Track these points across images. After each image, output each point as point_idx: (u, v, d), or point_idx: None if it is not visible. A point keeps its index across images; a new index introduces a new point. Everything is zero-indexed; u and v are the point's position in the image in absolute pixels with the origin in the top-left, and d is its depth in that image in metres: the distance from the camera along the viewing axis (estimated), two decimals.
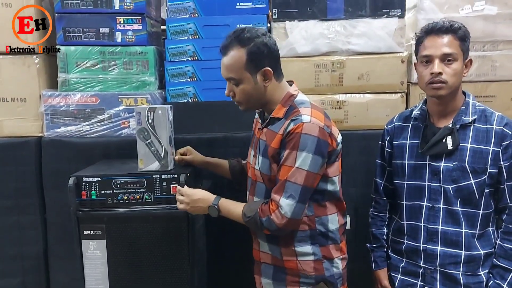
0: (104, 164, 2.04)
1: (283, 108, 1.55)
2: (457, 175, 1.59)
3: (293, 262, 1.58)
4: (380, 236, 1.84)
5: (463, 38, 1.57)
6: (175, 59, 2.26)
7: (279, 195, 1.47)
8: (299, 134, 1.45)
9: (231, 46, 1.52)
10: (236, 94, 1.56)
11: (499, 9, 2.16)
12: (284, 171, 1.48)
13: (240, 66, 1.51)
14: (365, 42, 2.21)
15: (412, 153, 1.69)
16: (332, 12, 2.21)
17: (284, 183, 1.47)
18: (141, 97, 2.22)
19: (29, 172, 2.21)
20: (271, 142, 1.53)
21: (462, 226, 1.60)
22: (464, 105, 1.63)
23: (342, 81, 2.24)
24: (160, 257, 1.81)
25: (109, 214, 1.80)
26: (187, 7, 2.25)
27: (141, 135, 1.81)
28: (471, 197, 1.59)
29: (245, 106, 1.60)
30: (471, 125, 1.60)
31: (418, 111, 1.72)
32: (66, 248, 2.14)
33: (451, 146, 1.58)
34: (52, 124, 2.22)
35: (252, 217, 1.51)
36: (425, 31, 1.61)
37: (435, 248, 1.63)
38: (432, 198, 1.64)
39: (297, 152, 1.45)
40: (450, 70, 1.55)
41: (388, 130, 1.81)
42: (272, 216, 1.47)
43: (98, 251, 1.81)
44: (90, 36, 2.23)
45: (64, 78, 2.23)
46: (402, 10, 2.20)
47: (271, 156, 1.53)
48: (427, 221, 1.65)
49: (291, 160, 1.46)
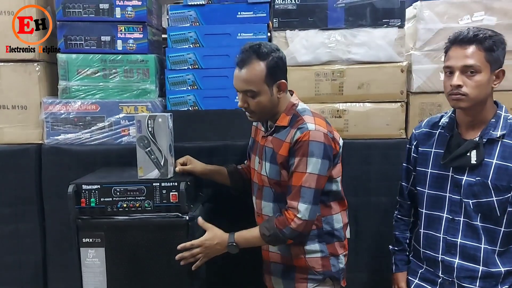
0: (104, 171, 2.04)
1: (287, 117, 1.66)
2: (478, 190, 1.53)
3: (302, 259, 1.68)
4: (403, 240, 1.82)
5: (489, 48, 1.47)
6: (176, 67, 2.27)
7: (296, 201, 1.58)
8: (307, 141, 1.56)
9: (250, 60, 1.59)
10: (251, 105, 1.63)
11: (498, 20, 2.17)
12: (297, 177, 1.58)
13: (260, 79, 1.59)
14: (365, 51, 2.22)
15: (436, 162, 1.65)
16: (332, 21, 2.22)
17: (300, 189, 1.57)
18: (141, 105, 2.22)
19: (29, 179, 2.21)
20: (279, 150, 1.63)
21: (482, 241, 1.55)
22: (494, 118, 1.55)
23: (342, 90, 2.24)
24: (160, 265, 1.80)
25: (108, 222, 1.79)
26: (188, 16, 2.27)
27: (141, 143, 1.81)
28: (492, 214, 1.53)
29: (258, 117, 1.68)
30: (499, 140, 1.52)
31: (446, 119, 1.66)
32: (65, 256, 2.13)
33: (474, 161, 1.52)
34: (52, 132, 2.22)
35: (273, 233, 1.59)
36: (451, 40, 1.55)
37: (452, 261, 1.60)
38: (452, 210, 1.60)
39: (307, 158, 1.56)
40: (472, 82, 1.47)
41: (416, 135, 1.75)
42: (292, 225, 1.57)
43: (97, 259, 1.80)
44: (92, 44, 2.24)
45: (65, 86, 2.24)
46: (402, 20, 2.22)
47: (280, 163, 1.63)
48: (447, 232, 1.61)
49: (303, 167, 1.57)
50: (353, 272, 2.12)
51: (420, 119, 2.21)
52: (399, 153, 2.17)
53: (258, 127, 1.82)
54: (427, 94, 2.23)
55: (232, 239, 1.64)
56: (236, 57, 1.65)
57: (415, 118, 2.23)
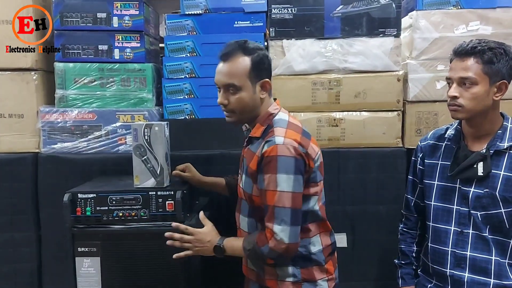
0: (100, 180, 2.04)
1: (261, 127, 1.56)
2: (486, 202, 1.52)
3: (274, 282, 1.58)
4: (409, 253, 1.78)
5: (489, 61, 1.47)
6: (173, 76, 2.27)
7: (271, 222, 1.45)
8: (275, 156, 1.44)
9: (234, 53, 1.53)
10: (232, 102, 1.54)
11: (494, 29, 2.19)
12: (269, 196, 1.45)
13: (244, 73, 1.52)
14: (361, 60, 2.23)
15: (443, 175, 1.63)
16: (329, 31, 2.24)
17: (273, 210, 1.45)
18: (138, 113, 2.22)
19: (25, 188, 2.20)
20: (249, 163, 1.54)
21: (492, 253, 1.52)
22: (501, 130, 1.54)
23: (339, 99, 2.25)
24: (155, 274, 1.79)
25: (104, 231, 1.78)
26: (186, 25, 2.28)
27: (137, 152, 1.81)
28: (501, 226, 1.52)
29: (237, 117, 1.57)
30: (506, 151, 1.52)
31: (452, 131, 1.65)
32: (61, 265, 2.12)
33: (481, 173, 1.51)
34: (49, 140, 2.22)
35: (252, 249, 1.49)
36: (453, 52, 1.56)
37: (462, 275, 1.56)
38: (461, 222, 1.57)
39: (276, 175, 1.44)
40: (468, 94, 1.48)
41: (422, 147, 1.74)
42: (270, 244, 1.45)
43: (92, 269, 1.79)
44: (89, 53, 2.25)
45: (62, 95, 2.24)
46: (398, 30, 2.23)
47: (251, 176, 1.54)
48: (455, 246, 1.58)
49: (273, 184, 1.44)
50: (348, 281, 2.12)
51: (417, 128, 2.22)
52: (395, 162, 2.19)
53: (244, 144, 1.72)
54: (423, 103, 2.24)
55: (221, 242, 1.56)
56: (219, 51, 1.57)
57: (412, 126, 2.23)
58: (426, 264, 1.70)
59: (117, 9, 2.22)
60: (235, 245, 1.56)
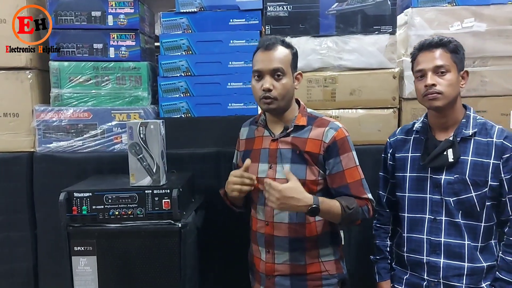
0: (96, 179, 2.03)
1: (303, 117, 1.68)
2: (458, 188, 1.61)
3: (317, 265, 1.67)
4: (384, 248, 1.84)
5: (454, 50, 1.61)
6: (168, 74, 2.27)
7: (365, 194, 1.64)
8: (345, 137, 1.64)
9: (277, 44, 1.63)
10: (277, 88, 1.61)
11: (488, 26, 2.19)
12: (353, 173, 1.63)
13: (288, 60, 1.63)
14: (356, 58, 2.23)
15: (414, 166, 1.72)
16: (324, 28, 2.24)
17: (361, 182, 1.64)
18: (134, 112, 2.22)
19: (20, 187, 2.20)
20: (305, 147, 1.63)
21: (465, 238, 1.61)
22: (464, 118, 1.65)
23: (334, 96, 2.25)
24: (152, 273, 1.79)
25: (100, 230, 1.78)
26: (181, 23, 2.27)
27: (132, 150, 1.81)
28: (473, 210, 1.60)
29: (277, 104, 1.63)
30: (471, 138, 1.62)
31: (420, 124, 1.74)
32: (57, 265, 2.11)
33: (451, 159, 1.60)
34: (44, 139, 2.22)
35: (355, 208, 1.58)
36: (417, 48, 1.68)
37: (438, 261, 1.64)
38: (434, 210, 1.66)
39: (351, 152, 1.64)
40: (444, 81, 1.59)
41: (391, 143, 1.83)
42: (369, 207, 1.63)
43: (88, 267, 1.79)
44: (84, 51, 2.25)
45: (57, 93, 2.24)
46: (393, 27, 2.23)
47: (307, 160, 1.62)
48: (430, 233, 1.66)
49: (352, 161, 1.64)
50: None
51: None
52: None
53: (256, 134, 1.76)
54: None
55: (317, 202, 1.51)
56: (259, 43, 1.67)
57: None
58: (401, 256, 1.76)
59: (112, 8, 2.21)
60: (333, 206, 1.56)
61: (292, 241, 1.65)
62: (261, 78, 1.63)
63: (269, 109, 1.64)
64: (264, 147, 1.71)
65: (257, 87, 1.63)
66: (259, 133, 1.76)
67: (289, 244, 1.65)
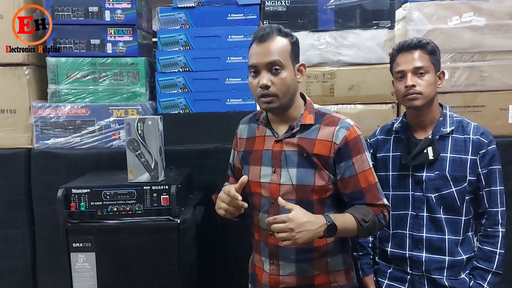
0: (94, 175, 2.02)
1: (310, 115, 1.49)
2: (439, 184, 1.66)
3: (325, 276, 1.50)
4: (365, 244, 1.88)
5: (432, 52, 1.66)
6: (166, 70, 2.26)
7: (379, 200, 1.47)
8: (357, 136, 1.45)
9: (273, 34, 1.42)
10: (276, 83, 1.41)
11: (487, 20, 2.19)
12: (368, 176, 1.46)
13: (286, 51, 1.43)
14: (355, 53, 2.23)
15: (395, 165, 1.76)
16: (322, 23, 2.23)
17: (376, 186, 1.47)
18: (132, 108, 2.21)
19: (18, 184, 2.19)
20: (313, 149, 1.44)
21: (445, 233, 1.67)
22: (441, 117, 1.71)
23: (333, 91, 2.25)
24: (150, 269, 1.79)
25: (98, 226, 1.77)
26: (178, 18, 2.26)
27: (130, 146, 1.80)
28: (454, 204, 1.66)
29: (279, 102, 1.43)
30: (449, 135, 1.68)
31: (399, 124, 1.79)
32: (55, 262, 2.11)
33: (432, 157, 1.65)
34: (42, 136, 2.21)
35: (371, 219, 1.43)
36: (396, 49, 1.71)
37: (420, 255, 1.70)
38: (416, 206, 1.71)
39: (364, 154, 1.46)
40: (423, 82, 1.63)
41: (371, 144, 1.87)
42: (384, 213, 1.47)
43: (87, 264, 1.78)
44: (81, 47, 2.23)
45: (54, 89, 2.22)
46: (392, 22, 2.23)
47: (316, 165, 1.44)
48: (412, 229, 1.72)
49: (366, 164, 1.46)
50: None
51: None
52: None
53: (257, 133, 1.57)
54: None
55: (331, 220, 1.35)
56: (252, 35, 1.46)
57: None
58: (384, 251, 1.80)
59: (109, 3, 2.20)
60: (346, 221, 1.39)
61: (299, 252, 1.47)
62: (257, 74, 1.43)
63: (270, 108, 1.44)
64: (266, 148, 1.52)
65: (254, 84, 1.44)
66: (260, 132, 1.56)
67: (296, 255, 1.48)
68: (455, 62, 2.23)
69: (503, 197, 1.68)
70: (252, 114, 1.66)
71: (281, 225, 1.29)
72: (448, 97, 2.21)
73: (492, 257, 1.66)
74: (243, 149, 1.59)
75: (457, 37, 2.20)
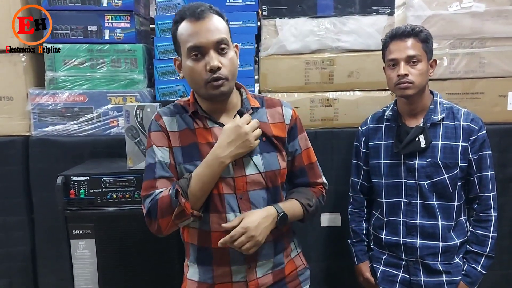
0: (92, 163, 2.02)
1: (253, 98, 1.44)
2: (431, 171, 1.68)
3: (291, 263, 1.48)
4: (359, 231, 1.92)
5: (425, 40, 1.66)
6: (165, 56, 2.24)
7: (320, 177, 1.54)
8: (298, 115, 1.49)
9: (208, 12, 1.30)
10: (226, 65, 1.29)
11: (487, 6, 2.17)
12: (311, 154, 1.52)
13: (227, 31, 1.33)
14: (354, 39, 2.21)
15: (387, 153, 1.77)
16: (321, 9, 2.21)
17: (317, 164, 1.53)
18: (130, 95, 2.20)
19: (16, 171, 2.18)
20: (271, 132, 1.40)
21: (438, 219, 1.69)
22: (432, 104, 1.72)
23: (332, 78, 2.24)
24: (150, 255, 1.80)
25: (98, 213, 1.78)
26: (176, 4, 2.24)
27: (129, 133, 1.80)
28: (446, 191, 1.69)
29: (228, 86, 1.31)
30: (440, 123, 1.69)
31: (390, 112, 1.79)
32: (55, 249, 2.12)
33: (424, 144, 1.67)
34: (39, 123, 2.19)
35: (316, 203, 1.47)
36: (389, 36, 1.70)
37: (414, 242, 1.72)
38: (408, 194, 1.72)
39: (305, 132, 1.51)
40: (415, 71, 1.64)
41: (363, 132, 1.88)
42: (324, 193, 1.54)
43: (87, 251, 1.79)
44: (78, 33, 2.21)
45: (52, 76, 2.21)
46: (392, 8, 2.21)
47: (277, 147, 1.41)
48: (405, 216, 1.74)
49: (307, 142, 1.51)
50: (340, 259, 2.15)
51: None
52: None
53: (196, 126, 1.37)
54: None
55: (282, 209, 1.34)
56: (181, 12, 1.33)
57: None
58: (378, 238, 1.83)
59: None
60: (294, 208, 1.40)
61: (276, 242, 1.43)
62: (203, 56, 1.27)
63: (221, 93, 1.29)
64: (206, 141, 1.36)
65: (200, 68, 1.27)
66: (199, 124, 1.38)
67: (274, 247, 1.42)
68: (454, 49, 2.22)
69: (494, 182, 1.71)
70: (172, 105, 1.44)
71: (242, 238, 1.26)
72: (447, 84, 2.21)
73: (485, 241, 1.70)
74: (179, 144, 1.37)
75: (457, 23, 2.19)
